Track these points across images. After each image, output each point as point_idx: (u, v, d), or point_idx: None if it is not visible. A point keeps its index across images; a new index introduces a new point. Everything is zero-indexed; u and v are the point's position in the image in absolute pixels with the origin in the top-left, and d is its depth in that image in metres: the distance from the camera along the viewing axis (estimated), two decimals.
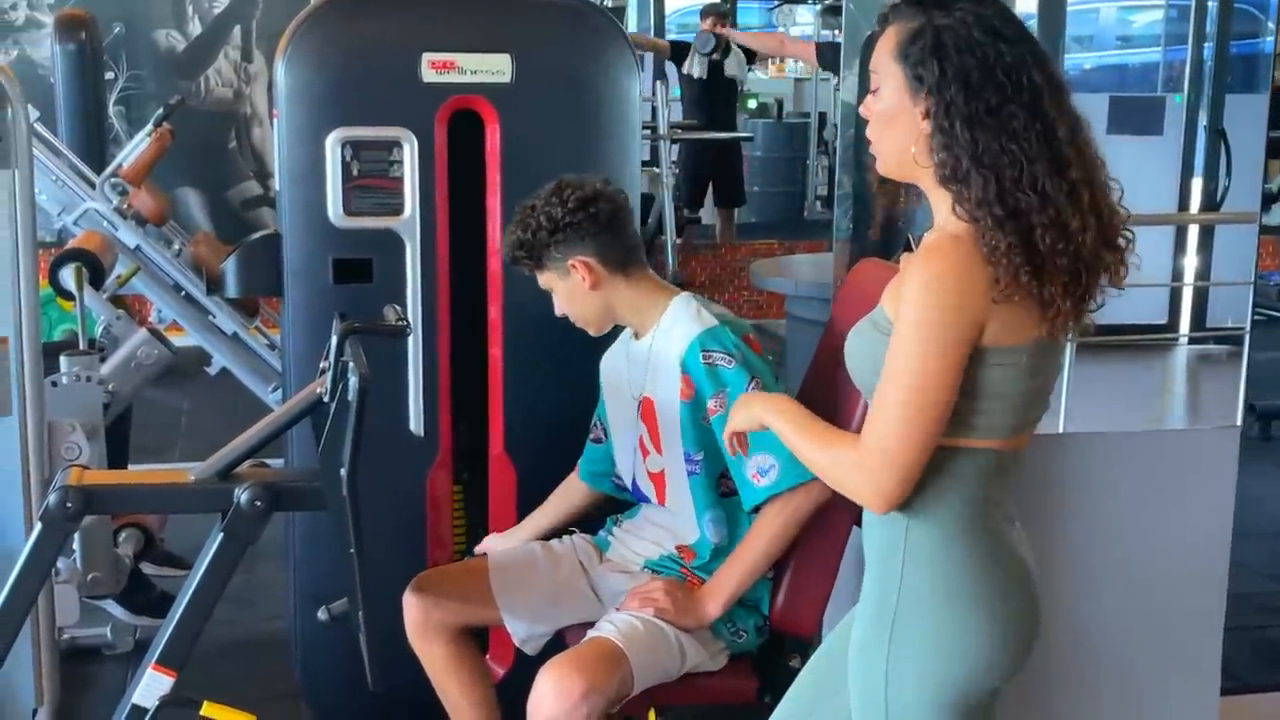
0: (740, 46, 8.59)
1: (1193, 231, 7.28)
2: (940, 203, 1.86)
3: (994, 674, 1.84)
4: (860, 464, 1.79)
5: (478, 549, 2.80)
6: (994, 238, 1.75)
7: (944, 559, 1.83)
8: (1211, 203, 7.35)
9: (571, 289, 2.49)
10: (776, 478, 2.34)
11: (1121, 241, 1.82)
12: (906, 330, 1.76)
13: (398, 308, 2.34)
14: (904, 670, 1.83)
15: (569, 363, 2.87)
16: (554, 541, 2.71)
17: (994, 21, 1.78)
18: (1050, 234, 1.75)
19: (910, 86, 1.81)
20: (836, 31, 7.67)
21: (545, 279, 2.52)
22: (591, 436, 2.73)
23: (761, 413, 1.99)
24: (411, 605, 2.58)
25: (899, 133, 1.84)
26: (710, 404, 2.40)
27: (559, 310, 2.55)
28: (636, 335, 2.56)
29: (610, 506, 2.73)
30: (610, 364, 2.66)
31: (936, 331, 1.74)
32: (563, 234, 2.45)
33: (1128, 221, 1.84)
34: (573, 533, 2.72)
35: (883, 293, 1.91)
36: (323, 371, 2.20)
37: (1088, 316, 1.86)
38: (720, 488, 2.48)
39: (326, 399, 2.15)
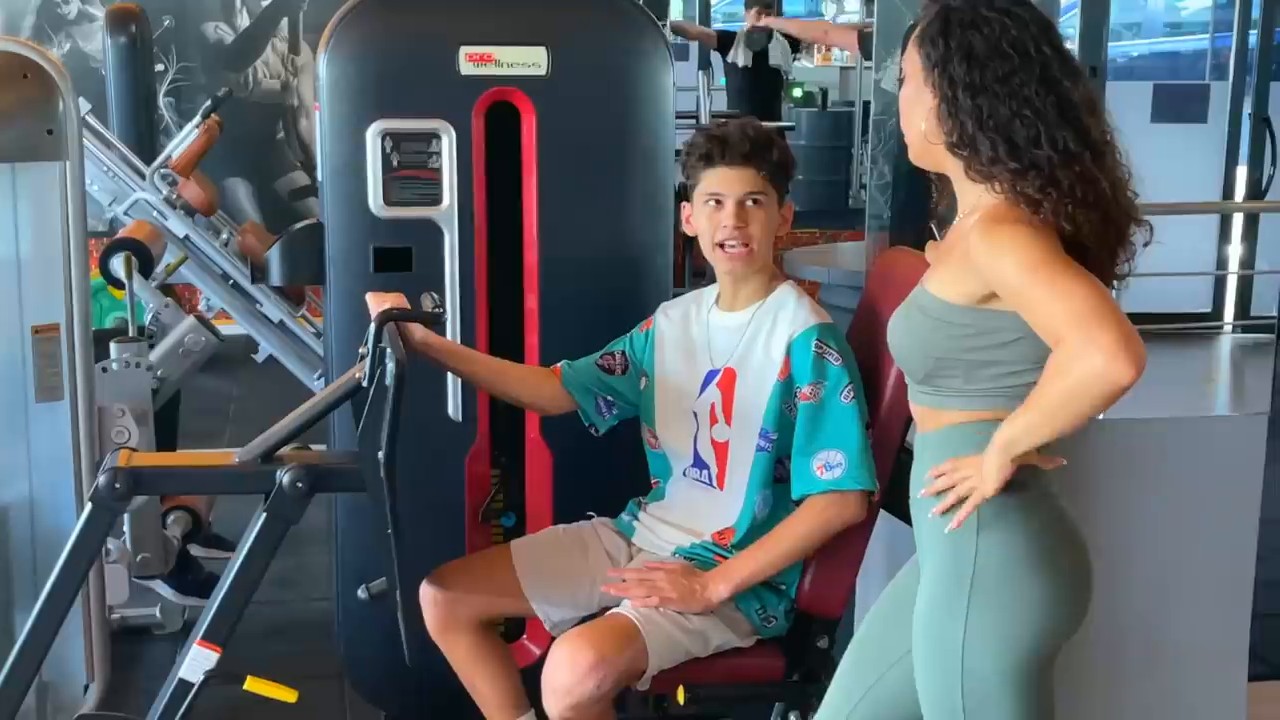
0: (784, 35, 8.58)
1: (1237, 220, 7.25)
2: (966, 190, 1.90)
3: (1060, 634, 1.91)
4: (1085, 344, 1.70)
5: None
6: (1020, 186, 1.81)
7: (1016, 527, 1.89)
8: (1256, 191, 7.30)
9: (771, 219, 2.52)
10: (841, 475, 2.38)
11: (1135, 214, 1.88)
12: (1026, 276, 1.76)
13: (434, 295, 2.38)
14: (983, 634, 1.88)
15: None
16: (575, 526, 2.69)
17: (1006, 2, 1.84)
18: (1080, 186, 1.80)
19: (924, 67, 1.88)
20: None
21: (768, 194, 2.52)
22: (602, 362, 2.66)
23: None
24: (433, 600, 2.54)
25: (914, 114, 1.92)
26: (805, 389, 2.43)
27: (744, 222, 2.50)
28: (721, 305, 2.58)
29: (632, 488, 2.73)
30: (678, 322, 2.63)
31: (1048, 254, 1.77)
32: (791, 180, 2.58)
33: (1140, 209, 1.89)
34: (590, 517, 2.71)
35: (921, 277, 1.95)
36: (362, 357, 2.25)
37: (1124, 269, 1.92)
38: (775, 471, 2.50)
39: (365, 384, 2.19)
